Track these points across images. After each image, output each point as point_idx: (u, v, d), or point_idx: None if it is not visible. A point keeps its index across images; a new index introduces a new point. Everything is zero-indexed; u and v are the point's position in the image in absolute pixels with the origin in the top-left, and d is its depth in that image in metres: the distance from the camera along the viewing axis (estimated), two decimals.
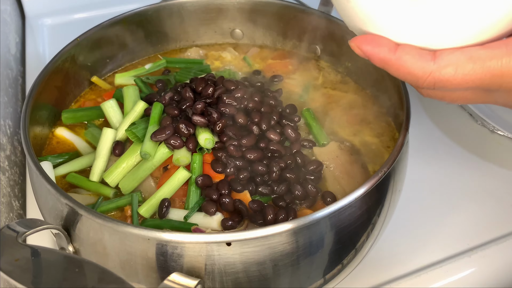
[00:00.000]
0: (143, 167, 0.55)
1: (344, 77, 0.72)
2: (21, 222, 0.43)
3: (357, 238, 0.50)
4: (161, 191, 0.53)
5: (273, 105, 0.62)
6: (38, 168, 0.48)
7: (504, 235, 0.65)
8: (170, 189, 0.53)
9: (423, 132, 0.80)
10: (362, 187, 0.45)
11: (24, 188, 0.78)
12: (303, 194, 0.54)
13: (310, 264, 0.47)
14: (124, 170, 0.55)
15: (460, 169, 0.74)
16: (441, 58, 0.37)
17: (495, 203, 0.70)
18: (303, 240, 0.44)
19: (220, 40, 0.80)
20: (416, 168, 0.69)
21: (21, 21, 1.09)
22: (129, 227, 0.42)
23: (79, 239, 0.46)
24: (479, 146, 0.79)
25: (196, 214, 0.52)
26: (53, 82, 0.63)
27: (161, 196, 0.53)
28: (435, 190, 0.71)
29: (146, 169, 0.55)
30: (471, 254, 0.63)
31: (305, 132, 0.63)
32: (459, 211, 0.68)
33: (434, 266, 0.62)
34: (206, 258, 0.42)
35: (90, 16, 1.07)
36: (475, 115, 0.81)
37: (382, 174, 0.46)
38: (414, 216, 0.67)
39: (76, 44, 0.66)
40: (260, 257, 0.42)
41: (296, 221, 0.42)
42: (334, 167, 0.58)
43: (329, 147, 0.60)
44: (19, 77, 0.96)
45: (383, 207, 0.51)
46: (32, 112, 0.57)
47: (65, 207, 0.45)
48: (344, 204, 0.44)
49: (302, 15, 0.73)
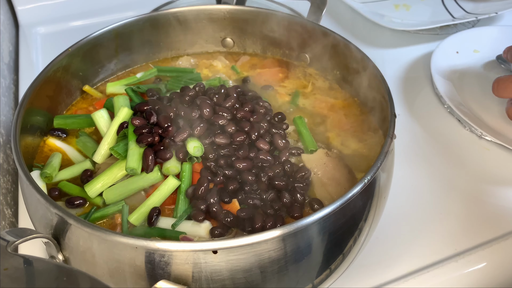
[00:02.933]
0: (134, 185, 0.56)
1: (332, 85, 0.73)
2: (11, 232, 0.44)
3: (344, 243, 0.50)
4: (151, 200, 0.54)
5: (263, 114, 0.63)
6: (27, 177, 0.48)
7: (490, 239, 0.66)
8: (160, 197, 0.54)
9: (412, 139, 0.81)
10: (346, 194, 0.46)
11: (17, 196, 0.78)
12: (291, 202, 0.55)
13: (297, 270, 0.47)
14: (106, 182, 0.56)
15: (448, 175, 0.75)
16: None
17: (482, 208, 0.71)
18: (290, 246, 0.45)
19: (211, 48, 0.81)
20: (404, 174, 0.70)
21: (14, 30, 1.09)
22: (117, 236, 0.42)
23: (68, 247, 0.47)
24: (467, 151, 0.80)
25: (185, 222, 0.52)
26: (44, 91, 0.64)
27: (150, 205, 0.54)
28: (422, 196, 0.72)
29: (137, 187, 0.56)
30: (458, 259, 0.64)
31: (294, 139, 0.64)
32: (447, 216, 0.69)
33: (421, 271, 0.62)
34: (193, 265, 0.42)
35: (83, 24, 1.07)
36: (463, 121, 0.82)
37: (367, 181, 0.47)
38: (402, 221, 0.68)
39: (68, 54, 0.67)
40: (247, 264, 0.43)
41: (281, 229, 0.43)
42: (322, 174, 0.59)
43: (317, 154, 0.61)
44: (12, 86, 0.96)
45: (369, 213, 0.51)
46: (23, 121, 0.58)
47: (55, 216, 0.46)
48: (329, 211, 0.44)
49: (292, 24, 0.74)
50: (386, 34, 1.04)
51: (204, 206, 0.52)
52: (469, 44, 0.98)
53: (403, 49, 1.02)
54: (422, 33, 1.05)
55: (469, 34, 0.99)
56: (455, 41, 0.97)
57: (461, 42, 0.98)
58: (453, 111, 0.84)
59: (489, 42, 0.99)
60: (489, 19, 1.09)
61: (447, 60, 0.94)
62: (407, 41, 1.03)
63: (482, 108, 0.86)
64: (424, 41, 1.03)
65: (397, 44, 1.03)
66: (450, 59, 0.95)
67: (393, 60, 0.99)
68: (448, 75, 0.92)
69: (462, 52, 0.97)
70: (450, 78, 0.91)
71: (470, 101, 0.88)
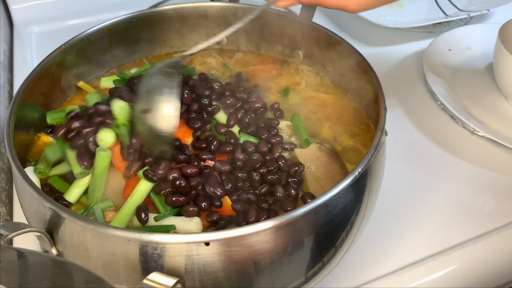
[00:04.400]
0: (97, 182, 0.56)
1: (325, 81, 0.74)
2: (4, 225, 0.44)
3: (336, 236, 0.51)
4: (128, 205, 0.54)
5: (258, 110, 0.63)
6: (21, 172, 0.48)
7: (483, 233, 0.67)
8: (136, 201, 0.54)
9: (404, 134, 0.82)
10: (337, 186, 0.46)
11: (11, 194, 0.78)
12: (284, 196, 0.55)
13: (290, 262, 0.48)
14: (83, 187, 0.57)
15: (441, 170, 0.76)
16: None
17: (475, 202, 0.71)
18: (282, 238, 0.45)
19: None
20: (396, 169, 0.71)
21: (9, 28, 1.09)
22: (110, 229, 0.43)
23: (62, 241, 0.47)
24: (460, 147, 0.80)
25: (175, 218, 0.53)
26: (38, 88, 0.64)
27: (129, 209, 0.53)
28: (415, 190, 0.73)
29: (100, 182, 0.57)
30: (451, 252, 0.64)
31: (287, 134, 0.64)
32: (439, 210, 0.70)
33: (414, 265, 0.63)
34: (186, 258, 0.43)
35: (78, 23, 1.07)
36: (456, 117, 0.83)
37: (357, 174, 0.47)
38: (394, 215, 0.68)
39: (62, 51, 0.67)
40: (239, 256, 0.43)
41: (273, 220, 0.43)
42: (315, 168, 0.59)
43: (310, 148, 0.61)
44: (7, 84, 0.96)
45: (361, 205, 0.52)
46: (17, 118, 0.58)
47: (48, 211, 0.46)
48: (320, 202, 0.45)
49: (285, 21, 0.75)
50: (379, 32, 1.04)
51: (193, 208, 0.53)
52: (462, 41, 0.99)
53: (396, 46, 1.02)
54: (415, 31, 1.06)
55: (462, 32, 1.00)
56: (447, 39, 0.98)
57: (454, 39, 0.98)
58: (445, 107, 0.85)
59: (481, 39, 0.99)
60: (481, 17, 1.10)
61: (439, 58, 0.95)
62: (400, 38, 1.04)
63: (474, 104, 0.87)
64: (417, 38, 1.04)
65: (390, 42, 1.03)
66: (442, 56, 0.95)
67: (386, 58, 0.99)
68: (440, 72, 0.92)
69: (454, 49, 0.97)
70: (442, 75, 0.92)
71: (462, 98, 0.88)
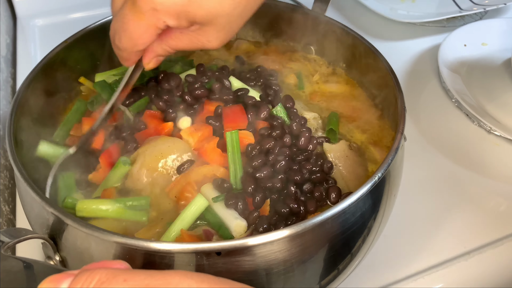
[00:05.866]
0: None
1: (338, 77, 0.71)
2: (5, 232, 0.42)
3: (353, 243, 0.49)
4: (178, 223, 0.50)
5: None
6: (22, 175, 0.46)
7: (501, 237, 0.65)
8: (187, 219, 0.50)
9: (418, 133, 0.79)
10: (356, 192, 0.44)
11: (14, 192, 0.77)
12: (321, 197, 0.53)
13: (304, 272, 0.46)
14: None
15: (457, 171, 0.73)
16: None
17: (492, 205, 0.69)
18: (297, 247, 0.43)
19: None
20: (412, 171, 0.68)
21: (12, 22, 1.07)
22: (115, 236, 0.41)
23: (65, 248, 0.45)
24: (476, 147, 0.78)
25: (227, 210, 0.50)
26: (41, 85, 0.62)
27: (178, 228, 0.50)
28: (431, 193, 0.70)
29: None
30: (468, 257, 0.62)
31: (313, 127, 0.61)
32: (456, 214, 0.67)
33: (431, 270, 0.61)
34: (196, 267, 0.40)
35: (82, 16, 1.05)
36: (472, 116, 0.80)
37: (376, 179, 0.45)
38: (411, 219, 0.66)
39: (65, 46, 0.65)
40: (252, 266, 0.41)
41: (288, 229, 0.41)
42: (343, 167, 0.56)
43: (339, 145, 0.58)
44: (9, 79, 0.94)
45: (379, 211, 0.50)
46: (19, 116, 0.56)
47: (51, 216, 0.44)
48: (337, 210, 0.42)
49: (297, 15, 0.72)
50: (391, 26, 1.01)
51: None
52: (477, 36, 0.96)
53: (409, 41, 0.99)
54: (429, 25, 1.03)
55: (477, 27, 0.97)
56: (462, 34, 0.95)
57: (469, 34, 0.95)
58: (461, 105, 0.82)
59: (497, 35, 0.96)
60: (497, 11, 1.07)
61: (454, 53, 0.92)
62: (413, 33, 1.01)
63: (491, 102, 0.84)
64: (431, 33, 1.01)
65: (403, 37, 1.00)
66: (457, 52, 0.92)
67: (398, 53, 0.96)
68: (455, 68, 0.89)
69: (470, 45, 0.94)
70: (457, 71, 0.89)
71: (478, 95, 0.85)
